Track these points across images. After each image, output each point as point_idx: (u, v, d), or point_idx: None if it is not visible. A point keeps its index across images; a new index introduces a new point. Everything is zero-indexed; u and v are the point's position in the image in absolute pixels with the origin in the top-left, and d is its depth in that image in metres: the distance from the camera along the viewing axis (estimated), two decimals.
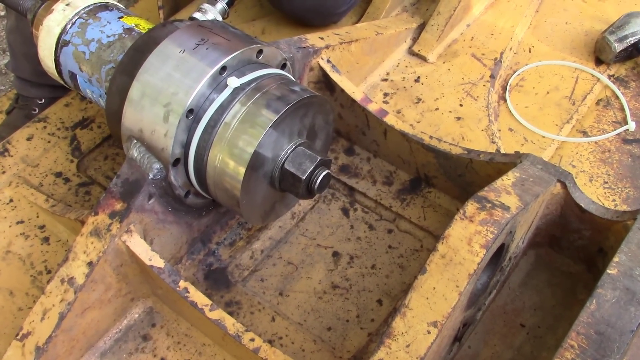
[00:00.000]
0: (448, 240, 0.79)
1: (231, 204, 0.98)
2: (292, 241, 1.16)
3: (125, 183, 0.95)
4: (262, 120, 0.91)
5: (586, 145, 1.28)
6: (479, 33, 1.48)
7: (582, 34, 1.49)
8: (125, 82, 0.96)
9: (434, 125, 1.30)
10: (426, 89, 1.37)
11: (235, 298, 1.08)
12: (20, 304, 1.09)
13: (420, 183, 1.19)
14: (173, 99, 0.91)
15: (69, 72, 1.10)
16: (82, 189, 1.25)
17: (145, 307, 1.06)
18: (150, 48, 0.96)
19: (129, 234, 0.94)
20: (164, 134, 0.92)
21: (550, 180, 0.94)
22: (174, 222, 1.03)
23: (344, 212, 1.19)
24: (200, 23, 1.00)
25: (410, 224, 1.16)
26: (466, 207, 0.82)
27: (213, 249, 1.13)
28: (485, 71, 1.40)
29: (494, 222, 0.79)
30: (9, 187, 1.24)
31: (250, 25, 1.54)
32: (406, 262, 1.12)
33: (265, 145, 0.92)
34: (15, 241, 1.17)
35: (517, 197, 0.85)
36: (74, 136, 1.34)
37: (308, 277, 1.11)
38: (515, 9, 1.52)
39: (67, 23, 1.08)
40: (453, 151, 1.08)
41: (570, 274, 1.07)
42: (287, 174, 0.97)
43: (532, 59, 1.44)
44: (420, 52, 1.42)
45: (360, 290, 1.09)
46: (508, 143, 1.28)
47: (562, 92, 1.37)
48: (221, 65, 0.92)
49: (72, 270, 0.93)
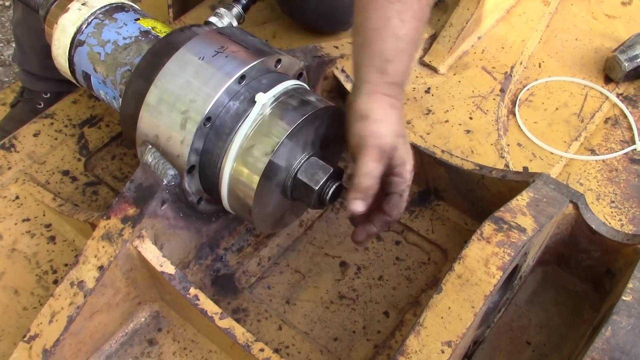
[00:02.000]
0: (465, 260, 0.79)
1: (243, 212, 0.97)
2: (300, 249, 1.16)
3: (139, 188, 0.94)
4: (277, 130, 0.91)
5: (594, 164, 1.29)
6: (490, 46, 1.48)
7: (592, 51, 1.49)
8: (141, 87, 0.96)
9: (443, 137, 1.30)
10: (436, 101, 1.37)
11: (242, 305, 1.08)
12: (25, 304, 1.09)
13: (429, 195, 1.19)
14: (191, 106, 0.91)
15: (82, 72, 1.09)
16: (90, 188, 1.24)
17: (151, 311, 1.05)
18: (169, 53, 0.95)
19: (140, 239, 0.94)
20: (181, 141, 0.91)
21: (563, 201, 0.95)
22: (184, 227, 1.03)
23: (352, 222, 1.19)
24: (220, 30, 1.00)
25: (418, 236, 1.16)
26: (483, 227, 0.82)
27: (221, 255, 1.13)
28: (495, 85, 1.40)
29: (510, 244, 0.80)
30: (15, 183, 1.23)
31: (262, 28, 1.53)
32: (413, 274, 1.12)
33: (280, 155, 0.92)
34: (20, 239, 1.16)
35: (532, 218, 0.85)
36: (82, 134, 1.33)
37: (315, 286, 1.11)
38: (526, 23, 1.52)
39: (83, 23, 1.07)
40: (465, 166, 1.08)
41: (576, 292, 1.07)
42: (299, 184, 0.97)
43: (541, 74, 1.44)
44: (431, 63, 1.42)
45: (367, 301, 1.09)
46: (517, 158, 1.28)
47: (571, 109, 1.38)
48: (240, 75, 0.92)
49: (83, 274, 0.92)
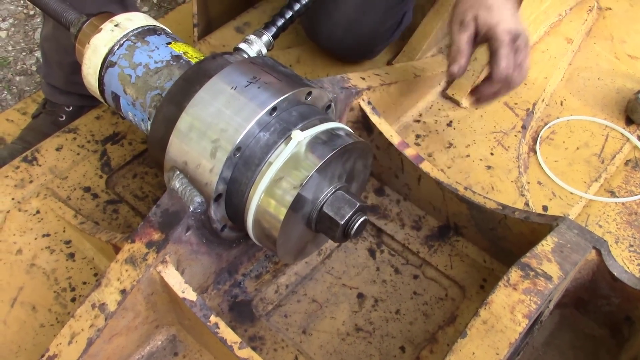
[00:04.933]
0: (491, 306, 0.80)
1: (267, 242, 0.98)
2: (318, 278, 1.16)
3: (165, 213, 0.95)
4: (307, 164, 0.92)
5: (613, 206, 1.29)
6: None
7: (614, 91, 1.50)
8: (172, 112, 0.96)
9: (464, 172, 1.30)
10: (458, 134, 1.37)
11: (259, 333, 1.08)
12: (42, 320, 1.09)
13: (448, 231, 1.20)
14: (222, 135, 0.91)
15: (112, 92, 1.10)
16: (110, 206, 1.25)
17: (168, 334, 1.06)
18: (201, 81, 0.96)
19: (164, 264, 0.94)
20: (210, 169, 0.92)
21: (586, 247, 0.95)
22: (205, 253, 1.03)
23: (370, 253, 1.19)
24: (252, 60, 1.01)
25: (437, 271, 1.16)
26: (510, 273, 0.82)
27: (239, 280, 1.13)
28: (517, 121, 1.41)
29: (537, 292, 0.80)
30: (36, 197, 1.24)
31: (286, 52, 1.54)
32: (430, 310, 1.12)
33: (308, 189, 0.92)
34: (40, 254, 1.17)
35: (558, 265, 0.86)
36: (104, 151, 1.34)
37: (332, 317, 1.11)
38: (549, 60, 1.53)
39: (115, 44, 1.08)
40: (487, 205, 1.08)
41: (593, 337, 1.07)
42: (324, 217, 0.97)
43: (563, 113, 1.45)
44: (454, 96, 1.43)
45: (383, 335, 1.09)
46: (536, 196, 1.29)
47: (591, 149, 1.38)
48: (272, 107, 0.92)
49: (105, 297, 0.92)
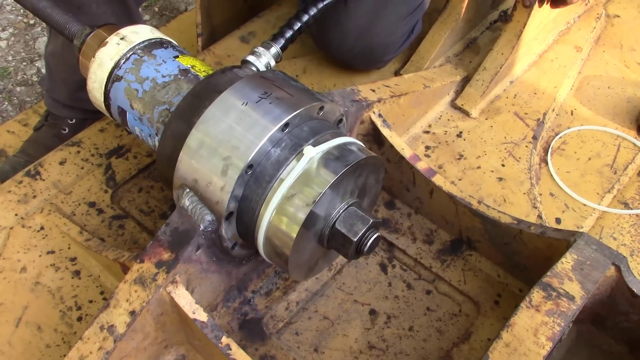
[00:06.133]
0: (513, 328, 0.77)
1: (279, 259, 0.95)
2: (329, 294, 1.14)
3: (175, 232, 0.92)
4: (320, 180, 0.89)
5: (627, 218, 1.27)
6: (522, 91, 1.47)
7: (624, 100, 1.48)
8: (181, 128, 0.94)
9: (475, 184, 1.28)
10: (468, 145, 1.35)
11: (270, 352, 1.06)
12: (48, 341, 1.07)
13: (461, 245, 1.17)
14: (234, 152, 0.89)
15: (118, 107, 1.08)
16: (116, 222, 1.22)
17: (177, 354, 1.03)
18: (210, 96, 0.94)
19: (174, 284, 0.92)
20: (221, 188, 0.90)
21: (606, 263, 0.93)
22: (215, 271, 1.01)
23: (382, 268, 1.17)
24: (262, 74, 0.99)
25: (450, 286, 1.14)
26: (532, 294, 0.80)
27: (249, 298, 1.11)
28: (527, 131, 1.39)
29: (560, 314, 0.78)
30: (40, 213, 1.22)
31: (292, 63, 1.52)
32: (444, 326, 1.10)
33: (320, 206, 0.90)
34: (45, 272, 1.14)
35: (579, 284, 0.84)
36: (109, 164, 1.31)
37: (344, 335, 1.09)
38: (558, 69, 1.51)
39: (121, 58, 1.06)
40: (502, 219, 1.06)
41: (611, 353, 1.05)
42: (337, 234, 0.95)
43: (574, 122, 1.43)
44: (464, 107, 1.41)
45: (397, 352, 1.07)
46: (549, 209, 1.26)
47: (603, 160, 1.36)
48: (284, 123, 0.90)
49: (113, 318, 0.90)
